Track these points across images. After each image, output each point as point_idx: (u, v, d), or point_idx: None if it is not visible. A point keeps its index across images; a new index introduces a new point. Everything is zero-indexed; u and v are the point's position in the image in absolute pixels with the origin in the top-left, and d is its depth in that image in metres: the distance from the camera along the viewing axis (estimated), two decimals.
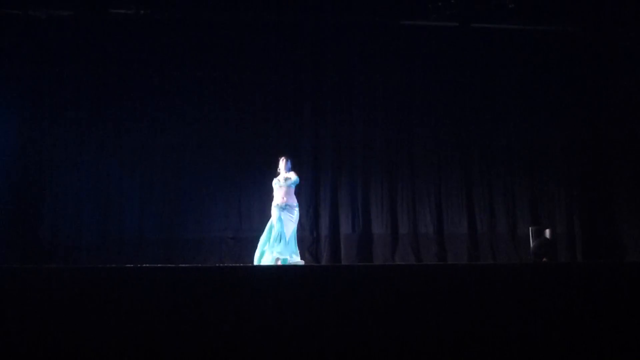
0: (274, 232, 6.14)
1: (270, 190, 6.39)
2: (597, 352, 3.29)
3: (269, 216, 6.30)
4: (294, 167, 6.45)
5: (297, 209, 6.33)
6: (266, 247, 6.15)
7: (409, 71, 8.11)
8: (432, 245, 7.79)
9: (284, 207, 6.23)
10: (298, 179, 6.36)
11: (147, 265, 5.18)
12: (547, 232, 7.22)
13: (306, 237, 7.47)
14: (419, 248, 7.75)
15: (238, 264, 6.57)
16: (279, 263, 6.01)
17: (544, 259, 6.88)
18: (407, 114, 8.09)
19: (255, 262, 6.13)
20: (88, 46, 7.65)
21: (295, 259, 6.16)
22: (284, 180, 6.32)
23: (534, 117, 8.17)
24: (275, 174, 6.42)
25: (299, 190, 6.65)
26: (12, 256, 6.88)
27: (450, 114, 8.12)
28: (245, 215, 7.55)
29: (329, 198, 7.81)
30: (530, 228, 7.35)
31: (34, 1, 7.39)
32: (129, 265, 4.03)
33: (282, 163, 6.41)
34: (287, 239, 6.13)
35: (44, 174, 7.50)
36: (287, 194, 6.27)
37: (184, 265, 5.27)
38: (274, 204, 6.31)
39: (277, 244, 6.10)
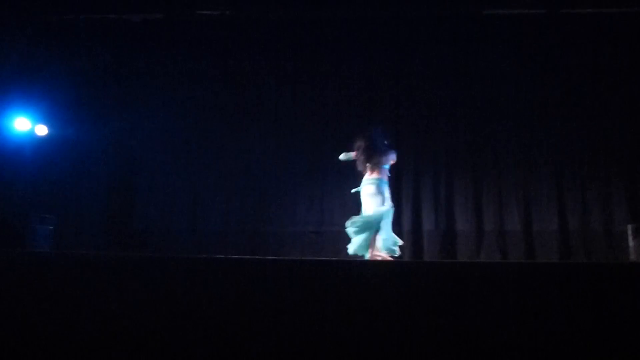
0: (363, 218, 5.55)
1: (351, 185, 6.01)
2: None
3: (350, 211, 5.96)
4: None
5: (386, 185, 5.63)
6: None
7: (493, 64, 7.77)
8: (520, 242, 7.45)
9: (373, 183, 5.63)
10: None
11: (234, 256, 5.34)
12: None
13: None
14: (505, 245, 7.47)
15: (318, 258, 6.60)
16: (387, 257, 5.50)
17: None
18: (492, 108, 7.77)
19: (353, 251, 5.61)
20: (177, 47, 8.05)
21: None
22: (375, 162, 5.73)
23: (631, 106, 7.57)
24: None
25: None
26: (108, 244, 7.43)
27: (537, 107, 7.71)
28: (327, 210, 7.61)
29: (411, 193, 7.71)
30: (628, 225, 6.87)
31: (129, 6, 7.84)
32: (218, 256, 4.20)
33: None
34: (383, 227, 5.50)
35: (137, 169, 8.03)
36: (378, 171, 5.72)
37: (268, 257, 5.39)
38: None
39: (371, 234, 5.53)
